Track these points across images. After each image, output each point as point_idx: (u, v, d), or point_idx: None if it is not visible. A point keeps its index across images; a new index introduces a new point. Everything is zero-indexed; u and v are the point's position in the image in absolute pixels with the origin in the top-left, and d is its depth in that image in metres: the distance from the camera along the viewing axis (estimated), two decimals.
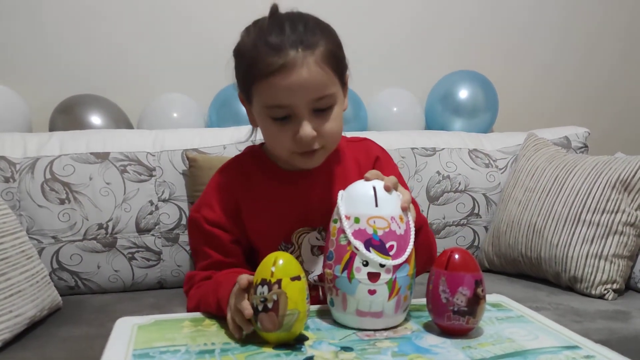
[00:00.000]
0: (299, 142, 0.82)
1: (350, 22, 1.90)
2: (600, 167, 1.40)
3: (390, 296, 0.71)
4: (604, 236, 1.34)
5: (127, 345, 0.68)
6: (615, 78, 2.25)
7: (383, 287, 0.71)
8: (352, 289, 0.71)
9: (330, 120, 0.83)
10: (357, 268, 0.71)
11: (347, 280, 0.71)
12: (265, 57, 0.79)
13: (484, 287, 0.71)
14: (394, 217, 0.72)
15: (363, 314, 0.72)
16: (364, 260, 0.71)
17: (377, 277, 0.71)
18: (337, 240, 0.73)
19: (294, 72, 0.78)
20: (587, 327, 1.13)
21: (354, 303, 0.72)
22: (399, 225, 0.72)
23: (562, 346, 0.68)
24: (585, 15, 2.17)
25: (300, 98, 0.80)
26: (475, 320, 0.71)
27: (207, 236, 0.89)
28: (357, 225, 0.72)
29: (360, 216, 0.72)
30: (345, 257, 0.72)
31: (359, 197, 0.74)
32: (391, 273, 0.71)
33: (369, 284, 0.71)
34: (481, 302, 0.70)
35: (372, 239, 0.71)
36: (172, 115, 1.71)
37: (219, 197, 0.91)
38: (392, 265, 0.71)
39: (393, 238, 0.71)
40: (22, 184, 1.37)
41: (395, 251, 0.71)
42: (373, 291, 0.71)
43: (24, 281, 1.08)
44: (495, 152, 1.72)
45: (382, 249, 0.71)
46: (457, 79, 1.90)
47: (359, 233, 0.71)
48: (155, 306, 1.30)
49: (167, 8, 1.81)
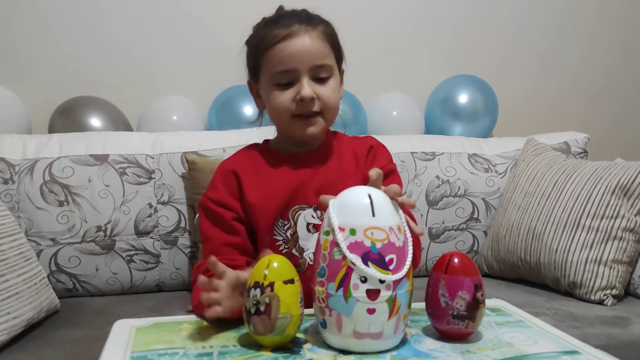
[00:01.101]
0: (299, 103, 0.91)
1: (350, 25, 1.89)
2: (600, 173, 1.40)
3: (390, 315, 0.65)
4: (604, 242, 1.34)
5: (125, 348, 0.67)
6: (615, 83, 2.25)
7: (383, 305, 0.64)
8: (349, 309, 0.64)
9: (328, 88, 0.93)
10: (355, 285, 0.64)
11: (342, 300, 0.64)
12: (272, 31, 0.91)
13: (484, 292, 0.71)
14: (392, 227, 0.66)
15: (361, 335, 0.65)
16: (361, 277, 0.64)
17: (376, 295, 0.64)
18: (330, 255, 0.66)
19: (298, 39, 0.90)
20: (586, 332, 1.13)
21: (350, 324, 0.65)
22: (397, 236, 0.66)
23: (562, 351, 0.68)
24: (585, 21, 2.18)
25: (303, 62, 0.90)
26: (475, 324, 0.70)
27: (212, 215, 0.96)
28: (353, 237, 0.65)
29: (356, 227, 0.65)
30: (340, 273, 0.64)
31: (354, 206, 0.67)
32: (391, 289, 0.65)
33: (368, 302, 0.64)
34: (480, 306, 0.70)
35: (371, 252, 0.64)
36: (171, 117, 1.72)
37: (223, 178, 0.98)
38: (392, 280, 0.64)
39: (392, 251, 0.65)
40: (21, 186, 1.36)
41: (394, 265, 0.65)
42: (372, 310, 0.64)
43: (21, 283, 1.08)
44: (495, 157, 1.72)
45: (382, 263, 0.64)
46: (456, 84, 1.91)
47: (356, 246, 0.64)
48: (154, 309, 1.29)
49: (168, 11, 1.82)
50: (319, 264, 0.67)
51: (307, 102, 0.91)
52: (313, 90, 0.91)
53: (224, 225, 0.95)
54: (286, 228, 0.95)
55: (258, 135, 1.43)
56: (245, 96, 1.65)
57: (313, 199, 0.95)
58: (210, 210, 0.96)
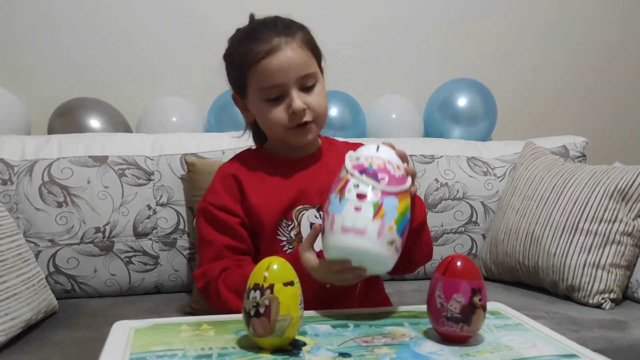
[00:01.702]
0: (292, 116, 0.93)
1: (350, 28, 1.91)
2: (598, 177, 1.41)
3: (374, 216, 0.74)
4: (602, 245, 1.34)
5: (124, 349, 0.67)
6: (614, 87, 2.26)
7: (368, 205, 0.75)
8: (340, 208, 0.76)
9: (316, 96, 0.95)
10: (349, 190, 0.76)
11: (337, 201, 0.77)
12: (254, 48, 0.92)
13: (483, 296, 0.71)
14: (391, 161, 0.78)
15: (347, 230, 0.75)
16: (356, 184, 0.76)
17: (364, 197, 0.75)
18: (338, 175, 0.80)
19: (281, 53, 0.92)
20: (584, 336, 1.13)
21: (339, 220, 0.75)
22: (394, 169, 0.78)
23: (560, 354, 0.68)
24: (582, 24, 2.19)
25: (289, 76, 0.92)
26: (471, 328, 0.70)
27: (214, 221, 0.96)
28: (356, 161, 0.79)
29: (360, 156, 0.79)
30: (341, 184, 0.78)
31: (364, 148, 0.81)
32: (379, 196, 0.75)
33: (356, 201, 0.75)
34: (477, 311, 0.70)
35: (367, 169, 0.77)
36: (171, 119, 1.72)
37: (223, 183, 0.98)
38: (380, 189, 0.75)
39: (387, 173, 0.77)
40: (20, 187, 1.36)
41: (386, 182, 0.76)
42: (359, 208, 0.75)
43: (20, 284, 1.08)
44: (494, 160, 1.73)
45: (375, 177, 0.76)
46: (455, 87, 1.91)
47: (357, 166, 0.78)
48: (152, 310, 1.29)
49: (168, 12, 1.82)
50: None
51: (300, 114, 0.93)
52: (303, 101, 0.93)
53: (227, 229, 0.95)
54: (290, 228, 0.96)
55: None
56: None
57: (316, 199, 0.96)
58: (212, 215, 0.96)
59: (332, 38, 1.03)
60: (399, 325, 0.77)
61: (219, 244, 0.94)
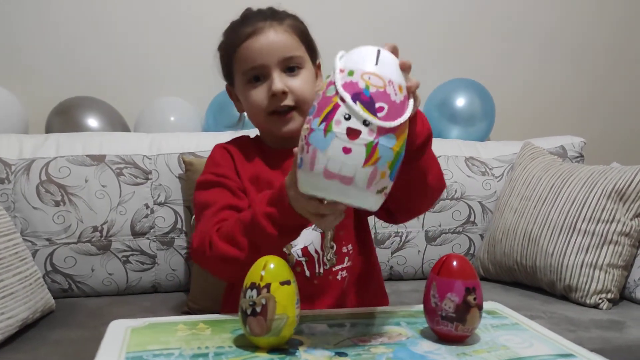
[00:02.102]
0: (272, 99, 0.91)
1: (347, 28, 1.91)
2: (596, 177, 1.41)
3: (366, 162, 0.61)
4: (599, 246, 1.35)
5: (121, 348, 0.67)
6: (612, 88, 2.26)
7: (360, 148, 0.61)
8: (325, 144, 0.62)
9: (300, 80, 0.93)
10: (337, 121, 0.62)
11: (322, 134, 0.62)
12: (239, 30, 0.93)
13: (479, 296, 0.71)
14: (393, 81, 0.64)
15: (331, 175, 0.62)
16: (346, 114, 0.61)
17: (356, 135, 0.61)
18: (324, 93, 0.65)
19: (263, 35, 0.91)
20: (581, 336, 1.13)
21: (323, 160, 0.62)
22: (396, 92, 0.64)
23: (557, 354, 0.68)
24: (581, 25, 2.19)
25: (270, 56, 0.91)
26: (466, 327, 0.70)
27: (215, 185, 0.93)
28: (349, 77, 0.63)
29: (355, 70, 0.64)
30: (328, 108, 0.63)
31: (359, 53, 0.66)
32: (374, 135, 0.62)
33: (346, 140, 0.61)
34: (472, 310, 0.70)
35: (362, 93, 0.62)
36: (169, 118, 1.72)
37: (221, 155, 0.98)
38: (377, 125, 0.62)
39: (386, 101, 0.63)
40: (17, 186, 1.36)
41: (385, 114, 0.62)
42: (348, 150, 0.61)
43: (16, 283, 1.08)
44: (492, 161, 1.73)
45: (371, 107, 0.62)
46: (454, 87, 1.91)
47: (349, 85, 0.63)
48: (149, 310, 1.29)
49: (166, 11, 1.82)
50: (312, 105, 0.67)
51: (280, 97, 0.91)
52: (285, 83, 0.91)
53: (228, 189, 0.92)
54: None
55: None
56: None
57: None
58: (213, 182, 0.94)
59: (330, 38, 1.03)
60: (396, 325, 0.77)
61: (219, 204, 0.90)
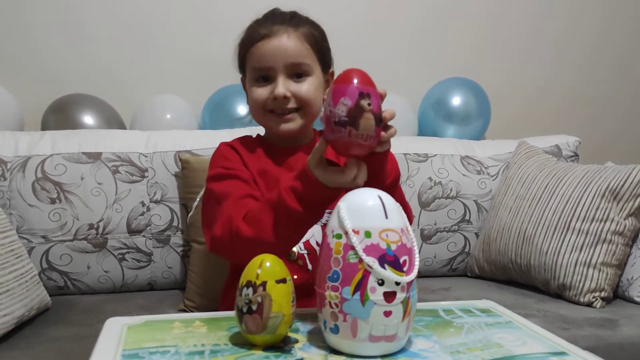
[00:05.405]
0: (273, 101, 0.95)
1: (345, 27, 1.91)
2: (590, 176, 1.42)
3: (404, 317, 0.65)
4: (593, 244, 1.35)
5: (117, 346, 0.67)
6: (607, 88, 2.27)
7: (398, 307, 0.64)
8: (366, 313, 0.63)
9: (305, 85, 0.96)
10: (372, 288, 0.63)
11: (359, 304, 0.63)
12: (255, 30, 0.97)
13: (374, 104, 0.71)
14: (403, 229, 0.66)
15: (377, 339, 0.64)
16: (379, 279, 0.63)
17: (393, 297, 0.63)
18: (345, 259, 0.64)
19: (276, 38, 0.95)
20: (575, 334, 1.14)
21: (366, 328, 0.64)
22: (407, 237, 0.66)
23: (550, 352, 0.68)
24: (579, 25, 2.19)
25: (278, 61, 0.94)
26: (360, 134, 0.70)
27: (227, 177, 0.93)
28: (369, 240, 0.64)
29: (371, 230, 0.64)
30: (357, 277, 0.63)
31: (367, 208, 0.66)
32: (406, 291, 0.64)
33: (385, 304, 0.63)
34: (366, 114, 0.70)
35: (387, 254, 0.63)
36: (165, 116, 1.71)
37: (230, 154, 0.99)
38: (406, 282, 0.64)
39: (405, 252, 0.65)
40: (13, 183, 1.36)
41: (407, 267, 0.65)
42: (389, 313, 0.63)
43: (12, 280, 1.08)
44: (487, 159, 1.73)
45: (397, 265, 0.64)
46: (450, 86, 1.91)
47: (372, 249, 0.63)
48: (145, 307, 1.29)
49: (161, 10, 1.81)
50: (330, 268, 0.65)
51: (281, 100, 0.95)
52: (288, 88, 0.95)
53: (244, 181, 0.93)
54: None
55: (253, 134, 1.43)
56: (240, 95, 1.64)
57: None
58: (226, 174, 0.94)
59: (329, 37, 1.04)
60: None
61: (237, 194, 0.89)
